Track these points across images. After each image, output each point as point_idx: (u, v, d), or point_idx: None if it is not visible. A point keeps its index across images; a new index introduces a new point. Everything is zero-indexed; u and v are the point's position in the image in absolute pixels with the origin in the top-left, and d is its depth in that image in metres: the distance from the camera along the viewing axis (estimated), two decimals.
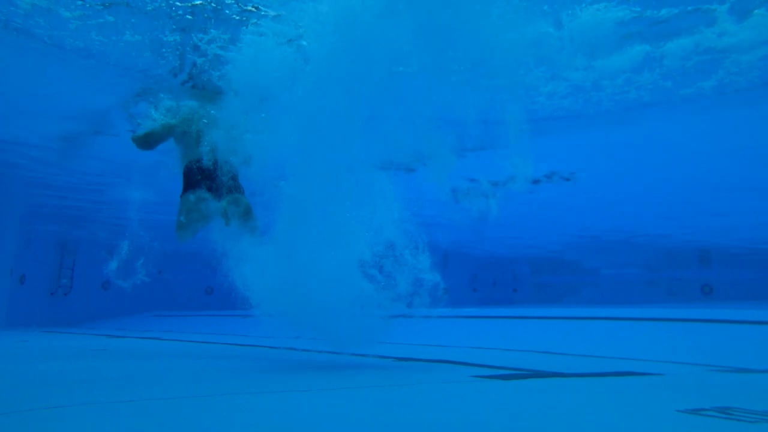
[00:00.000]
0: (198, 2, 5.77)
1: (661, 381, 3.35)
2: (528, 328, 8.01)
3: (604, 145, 10.21)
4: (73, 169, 11.78)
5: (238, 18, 5.99)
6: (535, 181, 11.80)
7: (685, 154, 10.56)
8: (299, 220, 3.92)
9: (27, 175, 12.04)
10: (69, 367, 4.16)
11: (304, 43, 5.91)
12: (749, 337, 5.69)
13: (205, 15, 5.97)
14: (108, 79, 7.43)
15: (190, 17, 5.95)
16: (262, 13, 5.91)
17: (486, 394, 2.75)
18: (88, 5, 5.76)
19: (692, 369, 4.17)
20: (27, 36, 6.31)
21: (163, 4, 5.78)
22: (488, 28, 3.82)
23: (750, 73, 6.97)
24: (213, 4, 5.82)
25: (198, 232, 5.30)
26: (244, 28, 6.06)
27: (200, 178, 5.23)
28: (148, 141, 5.52)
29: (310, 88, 3.97)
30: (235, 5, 5.83)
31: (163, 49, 6.57)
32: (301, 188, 3.96)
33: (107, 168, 11.62)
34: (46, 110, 8.81)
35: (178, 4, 5.77)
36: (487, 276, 27.10)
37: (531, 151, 4.15)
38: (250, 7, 5.83)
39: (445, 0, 3.74)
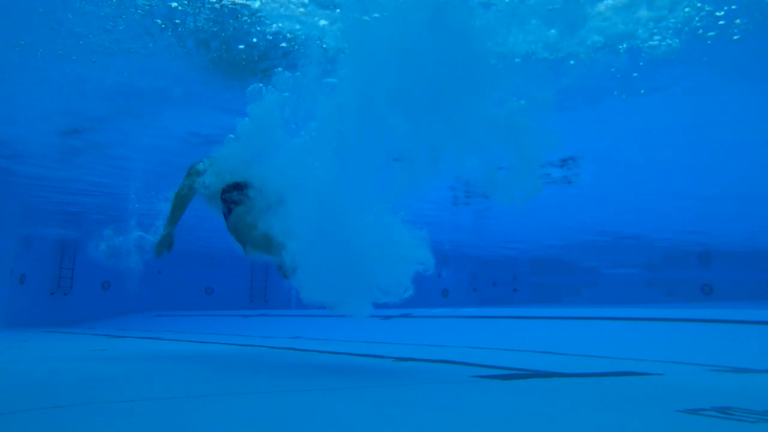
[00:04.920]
0: None
1: (661, 381, 3.35)
2: (528, 328, 8.00)
3: (604, 144, 10.20)
4: (74, 168, 11.78)
5: None
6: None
7: (685, 153, 10.56)
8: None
9: (28, 174, 12.03)
10: (69, 367, 4.16)
11: None
12: (749, 337, 5.68)
13: None
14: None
15: None
16: None
17: (486, 394, 2.75)
18: None
19: (692, 369, 4.17)
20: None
21: None
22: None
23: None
24: None
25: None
26: None
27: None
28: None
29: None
30: None
31: None
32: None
33: (109, 167, 11.62)
34: (48, 107, 8.76)
35: None
36: (487, 276, 27.13)
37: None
38: None
39: None
